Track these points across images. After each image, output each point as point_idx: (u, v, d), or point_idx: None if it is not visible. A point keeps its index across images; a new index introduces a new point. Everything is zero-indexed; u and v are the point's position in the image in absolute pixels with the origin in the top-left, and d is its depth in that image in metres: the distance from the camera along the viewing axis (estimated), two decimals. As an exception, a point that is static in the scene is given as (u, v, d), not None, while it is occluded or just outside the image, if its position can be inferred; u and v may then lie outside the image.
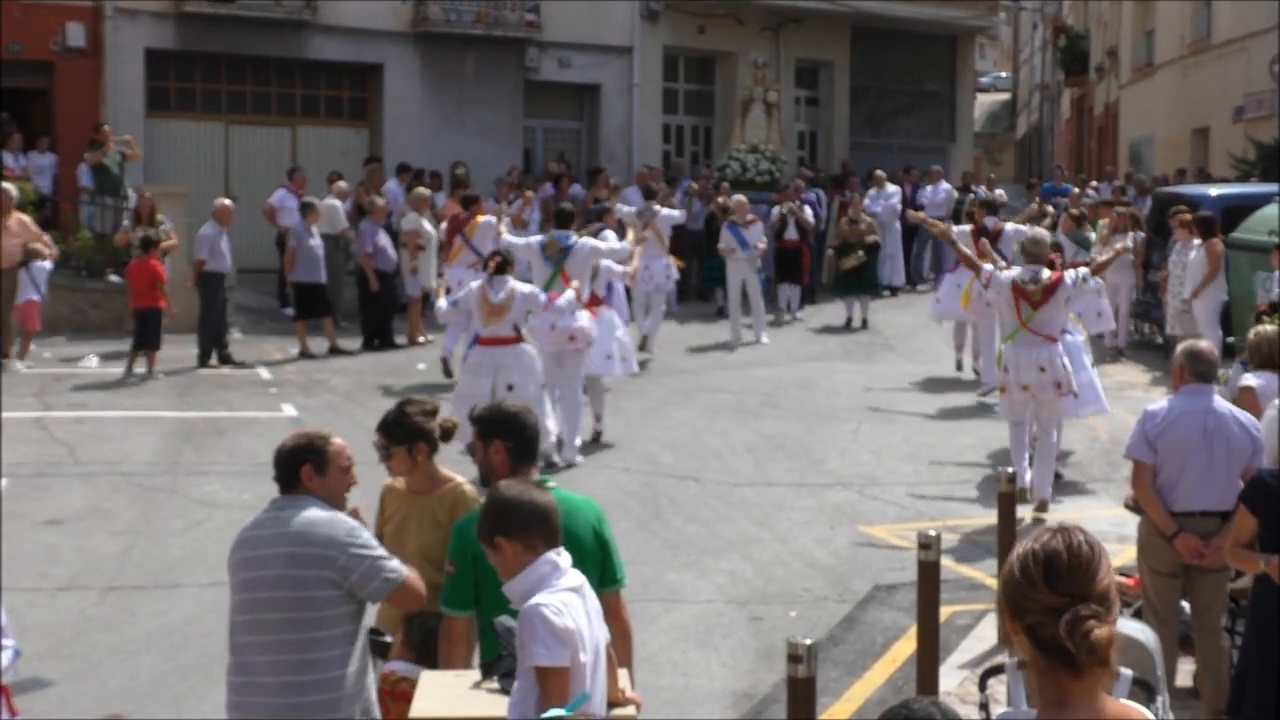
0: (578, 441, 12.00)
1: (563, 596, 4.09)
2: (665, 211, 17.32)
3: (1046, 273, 10.48)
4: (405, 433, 5.50)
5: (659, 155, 25.11)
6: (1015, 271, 10.68)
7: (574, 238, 12.36)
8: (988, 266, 10.97)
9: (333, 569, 4.63)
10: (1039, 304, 10.37)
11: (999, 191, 23.27)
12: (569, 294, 11.78)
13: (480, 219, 15.39)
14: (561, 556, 4.26)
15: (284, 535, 4.68)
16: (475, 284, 11.38)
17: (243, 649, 4.70)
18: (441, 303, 11.39)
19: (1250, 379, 7.79)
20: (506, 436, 5.05)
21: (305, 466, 4.80)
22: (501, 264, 11.16)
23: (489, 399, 10.16)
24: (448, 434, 5.68)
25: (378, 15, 22.77)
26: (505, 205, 17.72)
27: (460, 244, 15.63)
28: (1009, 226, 15.32)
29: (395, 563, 4.80)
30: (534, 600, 4.03)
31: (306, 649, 4.60)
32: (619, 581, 5.05)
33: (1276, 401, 6.93)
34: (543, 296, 11.37)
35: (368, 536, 4.77)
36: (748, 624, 8.42)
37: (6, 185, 16.08)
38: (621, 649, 4.99)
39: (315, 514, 4.73)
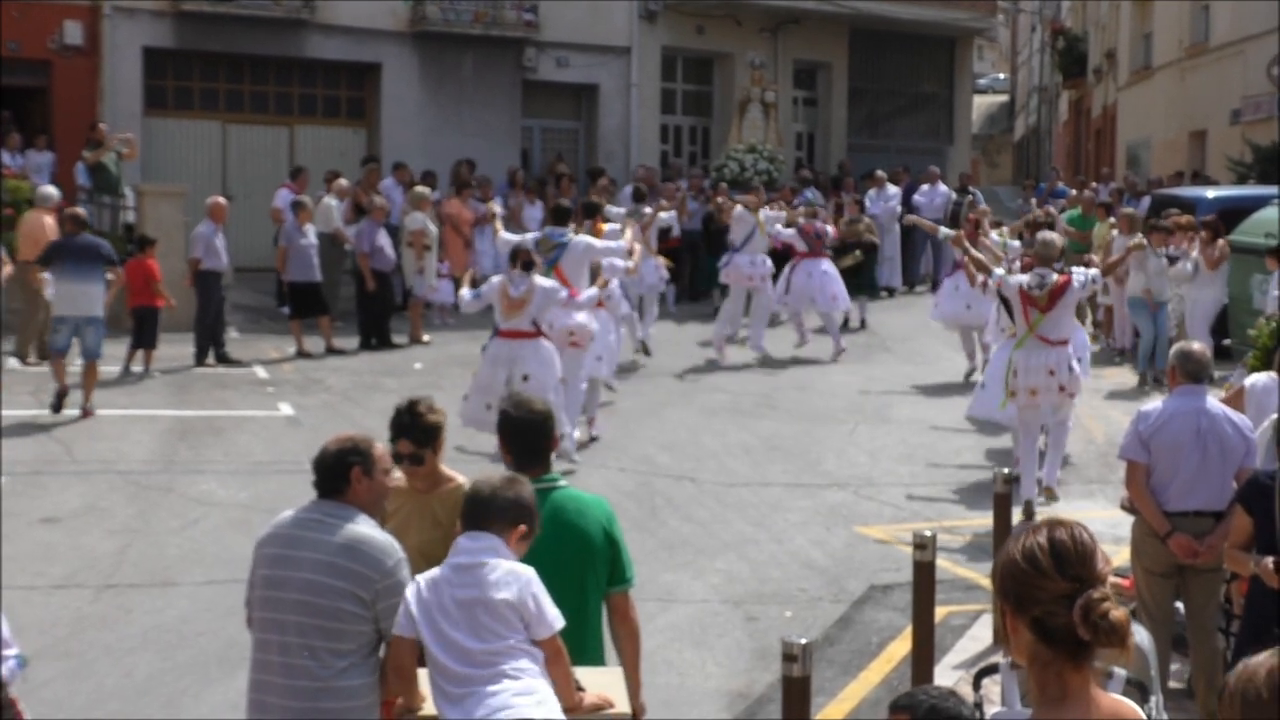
0: (576, 434, 12.04)
1: (436, 572, 4.47)
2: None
3: (1054, 276, 10.41)
4: (426, 433, 5.47)
5: (657, 155, 25.11)
6: (1023, 277, 10.61)
7: (569, 235, 12.36)
8: (998, 271, 10.90)
9: (368, 590, 4.54)
10: (1046, 309, 10.33)
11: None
12: (592, 291, 11.84)
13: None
14: (473, 540, 4.48)
15: (330, 544, 4.57)
16: (498, 278, 11.53)
17: (263, 646, 4.65)
18: (465, 293, 11.52)
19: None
20: (513, 440, 5.13)
21: (355, 469, 4.68)
22: (526, 260, 11.28)
23: (504, 390, 10.24)
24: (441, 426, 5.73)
25: (376, 14, 22.75)
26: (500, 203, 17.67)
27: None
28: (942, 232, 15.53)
29: None
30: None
31: (325, 657, 4.54)
32: (628, 581, 5.07)
33: (1274, 416, 6.93)
34: (564, 292, 11.43)
35: (408, 574, 4.66)
36: (743, 624, 8.43)
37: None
38: (629, 649, 5.01)
39: (369, 531, 4.64)
